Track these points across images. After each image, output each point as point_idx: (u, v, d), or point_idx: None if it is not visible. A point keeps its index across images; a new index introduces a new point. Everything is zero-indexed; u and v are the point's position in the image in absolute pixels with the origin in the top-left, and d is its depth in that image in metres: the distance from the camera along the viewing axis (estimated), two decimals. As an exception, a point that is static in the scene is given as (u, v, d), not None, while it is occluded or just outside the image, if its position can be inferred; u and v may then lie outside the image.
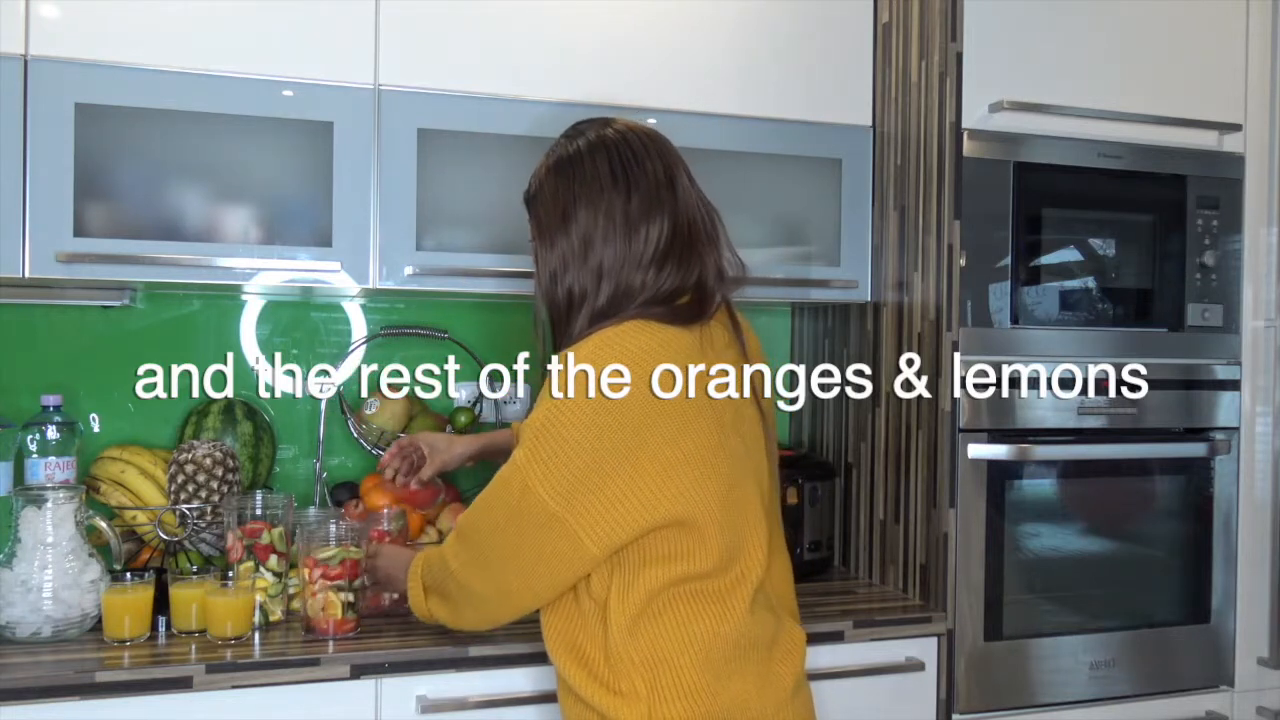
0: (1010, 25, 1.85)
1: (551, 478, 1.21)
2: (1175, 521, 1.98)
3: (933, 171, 1.84)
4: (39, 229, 1.58)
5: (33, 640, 1.51)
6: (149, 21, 1.63)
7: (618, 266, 1.29)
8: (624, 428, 1.20)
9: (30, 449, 1.72)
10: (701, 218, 1.35)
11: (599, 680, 1.25)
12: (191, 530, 1.75)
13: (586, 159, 1.33)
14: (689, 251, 1.32)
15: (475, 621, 1.41)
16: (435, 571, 1.41)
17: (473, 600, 1.37)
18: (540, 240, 1.36)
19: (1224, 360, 1.99)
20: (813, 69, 1.97)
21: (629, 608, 1.24)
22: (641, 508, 1.21)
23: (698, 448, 1.23)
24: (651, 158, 1.33)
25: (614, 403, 1.20)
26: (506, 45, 1.80)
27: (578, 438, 1.21)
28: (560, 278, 1.32)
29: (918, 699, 1.77)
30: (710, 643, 1.25)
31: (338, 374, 2.05)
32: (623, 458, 1.21)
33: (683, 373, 1.23)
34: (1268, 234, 2.01)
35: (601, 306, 1.29)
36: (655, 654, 1.23)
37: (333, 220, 1.71)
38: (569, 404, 1.21)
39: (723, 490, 1.25)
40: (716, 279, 1.34)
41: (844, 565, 2.13)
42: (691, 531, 1.23)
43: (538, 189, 1.37)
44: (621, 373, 1.21)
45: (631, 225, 1.29)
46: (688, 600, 1.25)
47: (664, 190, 1.32)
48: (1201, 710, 1.96)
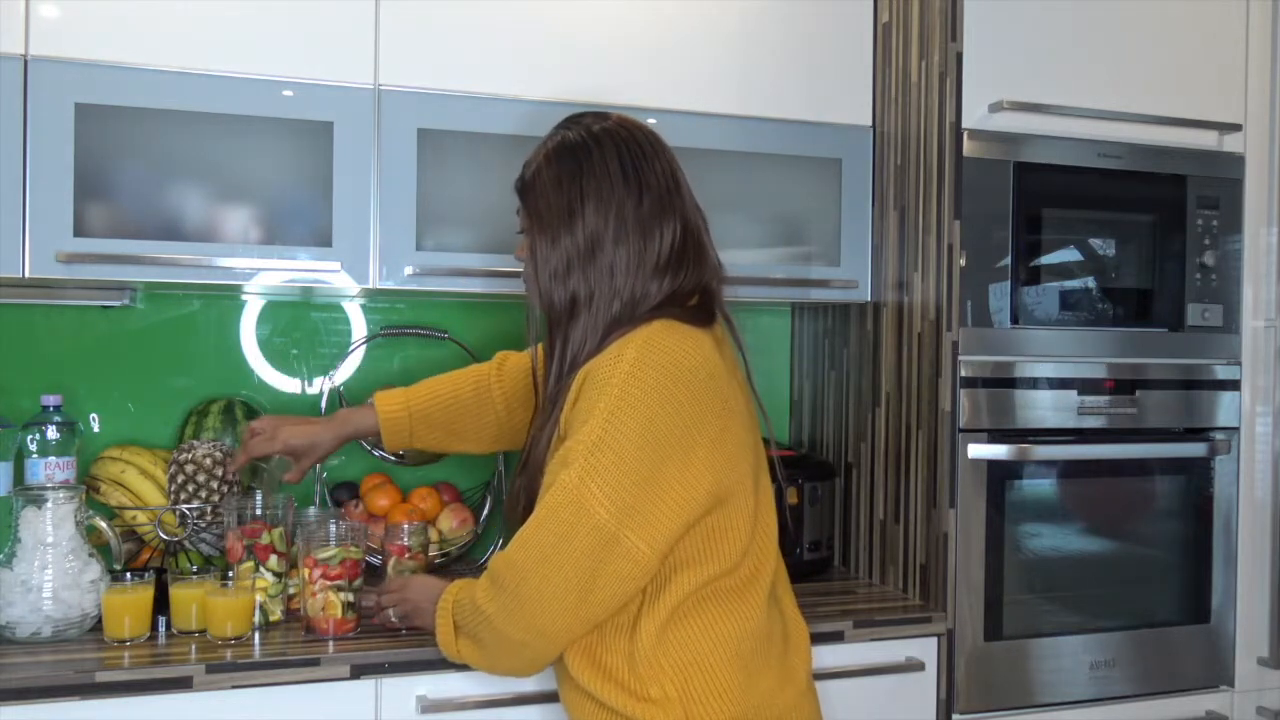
0: (1010, 25, 1.85)
1: (611, 494, 1.17)
2: (1175, 521, 1.98)
3: (933, 171, 1.84)
4: (39, 229, 1.58)
5: (33, 640, 1.51)
6: (149, 21, 1.63)
7: (629, 270, 1.26)
8: (674, 431, 1.19)
9: (30, 449, 1.72)
10: (700, 220, 1.35)
11: (625, 688, 1.24)
12: (191, 530, 1.75)
13: (595, 151, 1.29)
14: (696, 255, 1.31)
15: (514, 668, 1.32)
16: (467, 612, 1.31)
17: (509, 647, 1.27)
18: (540, 234, 1.31)
19: (1224, 360, 1.99)
20: (813, 69, 1.97)
21: (659, 614, 1.23)
22: (695, 509, 1.21)
23: (732, 445, 1.24)
24: (659, 157, 1.32)
25: (666, 409, 1.18)
26: (506, 45, 1.80)
27: (635, 449, 1.17)
28: (564, 278, 1.28)
29: (918, 699, 1.77)
30: (739, 641, 1.25)
31: (338, 374, 2.05)
32: (677, 467, 1.19)
33: (715, 372, 1.23)
34: (1268, 234, 2.01)
35: (616, 313, 1.26)
36: (686, 657, 1.23)
37: (333, 220, 1.71)
38: (622, 416, 1.18)
39: (752, 487, 1.26)
40: (717, 281, 1.34)
41: (844, 565, 2.13)
42: (717, 531, 1.23)
43: (534, 178, 1.33)
44: (668, 376, 1.19)
45: (644, 228, 1.27)
46: (713, 600, 1.25)
47: (673, 193, 1.30)
48: (1201, 710, 1.96)
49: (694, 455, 1.20)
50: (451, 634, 1.35)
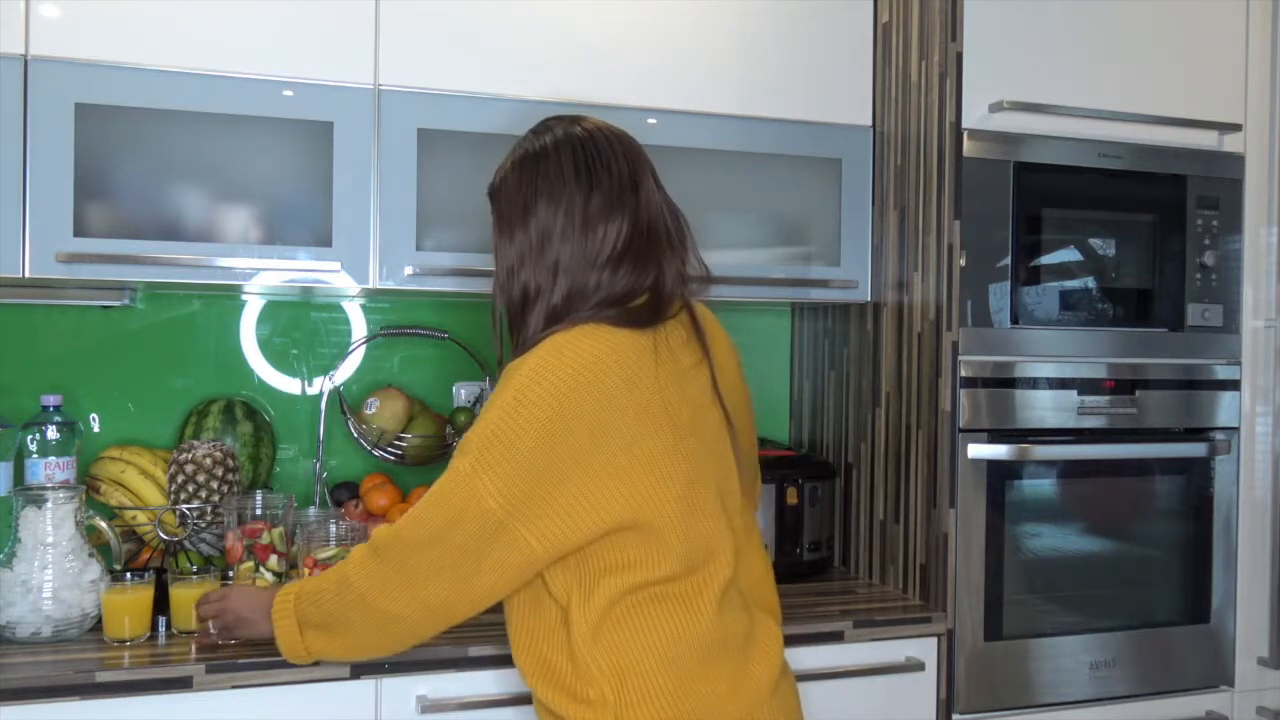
0: (1010, 25, 1.85)
1: (502, 486, 1.19)
2: (1175, 521, 1.98)
3: (933, 171, 1.84)
4: (39, 229, 1.58)
5: (33, 640, 1.51)
6: (149, 21, 1.63)
7: (574, 264, 1.28)
8: (577, 434, 1.19)
9: (30, 449, 1.72)
10: (665, 221, 1.34)
11: (566, 689, 1.24)
12: (191, 530, 1.75)
13: (552, 154, 1.31)
14: (647, 254, 1.31)
15: (382, 646, 1.35)
16: (323, 599, 1.33)
17: (384, 624, 1.30)
18: (500, 234, 1.35)
19: (1224, 360, 1.99)
20: (813, 69, 1.97)
21: (591, 615, 1.23)
22: (595, 513, 1.20)
23: (652, 452, 1.22)
24: (617, 158, 1.32)
25: (566, 410, 1.18)
26: (506, 45, 1.80)
27: (530, 445, 1.18)
28: (517, 273, 1.31)
29: (918, 699, 1.77)
30: (675, 646, 1.23)
31: (338, 374, 2.05)
32: (576, 465, 1.19)
33: (635, 378, 1.22)
34: (1268, 234, 2.01)
35: (555, 305, 1.28)
36: (621, 660, 1.22)
37: (333, 220, 1.72)
38: (520, 412, 1.19)
39: (681, 493, 1.24)
40: (676, 282, 1.32)
41: (844, 565, 2.13)
42: (649, 536, 1.22)
43: (500, 182, 1.36)
44: (574, 379, 1.19)
45: (590, 223, 1.28)
46: (651, 604, 1.24)
47: (626, 191, 1.31)
48: (1201, 710, 1.96)
49: (596, 458, 1.20)
50: (296, 633, 1.36)
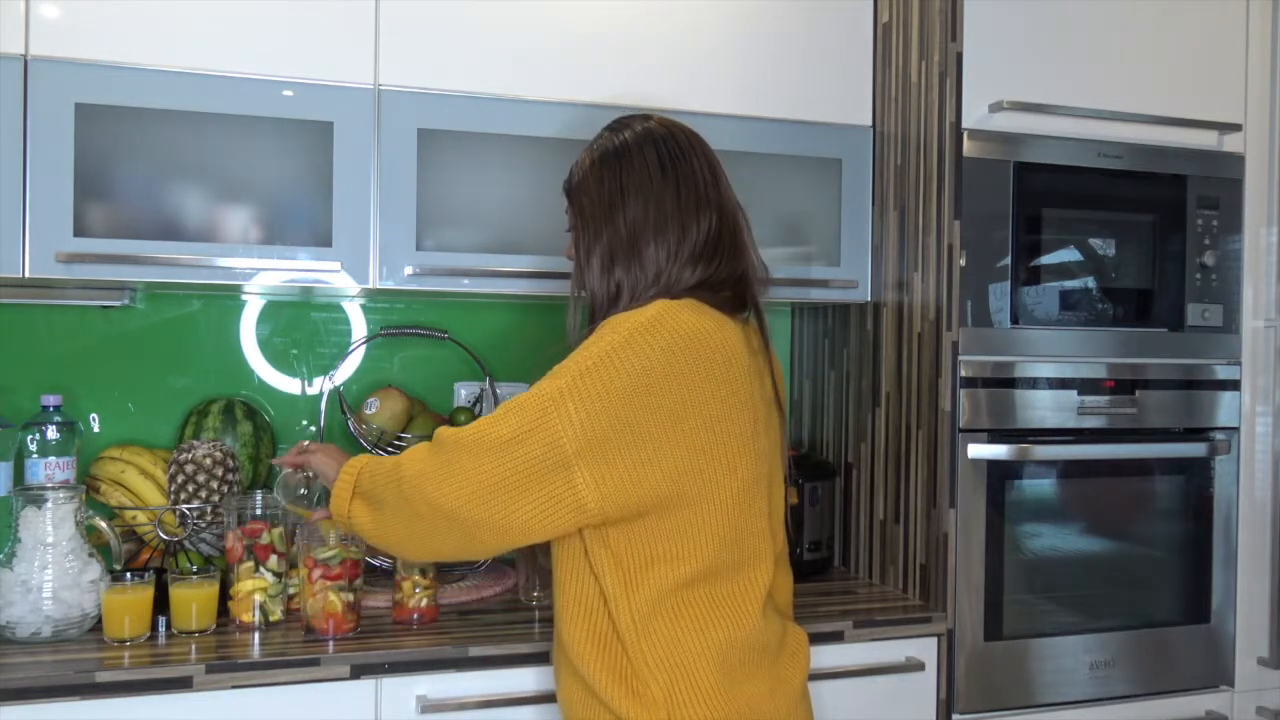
0: (1010, 25, 1.85)
1: (584, 419, 1.17)
2: (1175, 521, 1.98)
3: (932, 171, 1.84)
4: (39, 229, 1.58)
5: (33, 640, 1.51)
6: (149, 21, 1.63)
7: (666, 259, 1.30)
8: (670, 396, 1.19)
9: (30, 449, 1.72)
10: (741, 217, 1.38)
11: (623, 679, 1.24)
12: (191, 530, 1.75)
13: (635, 151, 1.34)
14: (732, 248, 1.34)
15: (401, 540, 1.30)
16: (377, 476, 1.31)
17: (412, 517, 1.26)
18: (585, 231, 1.36)
19: (1224, 360, 1.99)
20: (813, 69, 1.97)
21: (638, 606, 1.23)
22: (658, 479, 1.19)
23: (730, 435, 1.23)
24: (697, 154, 1.36)
25: (668, 369, 1.19)
26: (506, 45, 1.80)
27: (624, 389, 1.17)
28: (609, 269, 1.32)
29: (918, 699, 1.77)
30: (727, 647, 1.25)
31: (338, 374, 2.05)
32: (659, 426, 1.19)
33: (733, 359, 1.24)
34: (1268, 234, 2.01)
35: (652, 297, 1.29)
36: (673, 658, 1.23)
37: (333, 220, 1.72)
38: (624, 354, 1.18)
39: (742, 486, 1.25)
40: (754, 278, 1.37)
41: (844, 565, 2.13)
42: (694, 523, 1.23)
43: (581, 178, 1.38)
44: (680, 342, 1.20)
45: (679, 218, 1.31)
46: (704, 605, 1.25)
47: (710, 186, 1.34)
48: (1201, 710, 1.96)
49: (681, 427, 1.19)
50: (348, 493, 1.34)
